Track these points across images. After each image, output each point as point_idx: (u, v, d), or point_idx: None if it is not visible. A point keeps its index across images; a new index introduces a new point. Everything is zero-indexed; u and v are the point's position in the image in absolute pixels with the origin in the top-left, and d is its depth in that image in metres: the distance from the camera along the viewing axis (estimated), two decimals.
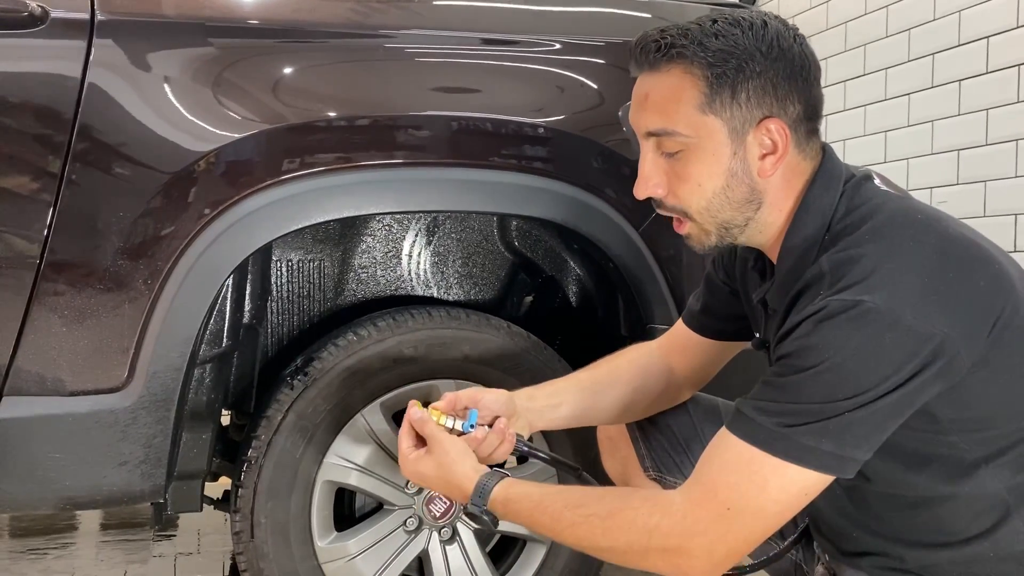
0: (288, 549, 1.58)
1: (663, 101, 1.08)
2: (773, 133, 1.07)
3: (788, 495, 1.00)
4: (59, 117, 1.39)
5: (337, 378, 1.58)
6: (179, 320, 1.45)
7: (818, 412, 0.98)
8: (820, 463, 0.99)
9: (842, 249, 1.03)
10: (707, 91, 1.05)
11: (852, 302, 0.97)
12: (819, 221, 1.08)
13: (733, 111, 1.06)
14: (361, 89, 1.56)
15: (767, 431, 1.00)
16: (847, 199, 1.09)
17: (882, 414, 0.98)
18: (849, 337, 0.97)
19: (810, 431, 0.98)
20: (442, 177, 1.57)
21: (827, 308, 0.98)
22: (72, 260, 1.41)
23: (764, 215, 1.11)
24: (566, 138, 1.64)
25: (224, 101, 1.46)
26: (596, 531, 1.08)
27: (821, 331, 0.98)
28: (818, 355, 0.98)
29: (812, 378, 0.98)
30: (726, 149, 1.07)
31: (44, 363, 1.41)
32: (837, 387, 0.97)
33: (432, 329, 1.63)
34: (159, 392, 1.44)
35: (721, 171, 1.08)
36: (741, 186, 1.09)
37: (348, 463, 1.61)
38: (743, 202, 1.10)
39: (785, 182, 1.11)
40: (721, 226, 1.11)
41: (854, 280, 0.99)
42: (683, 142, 1.07)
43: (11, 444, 1.41)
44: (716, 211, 1.10)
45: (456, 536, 1.68)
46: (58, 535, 2.66)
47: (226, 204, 1.45)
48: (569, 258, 1.87)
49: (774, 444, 0.99)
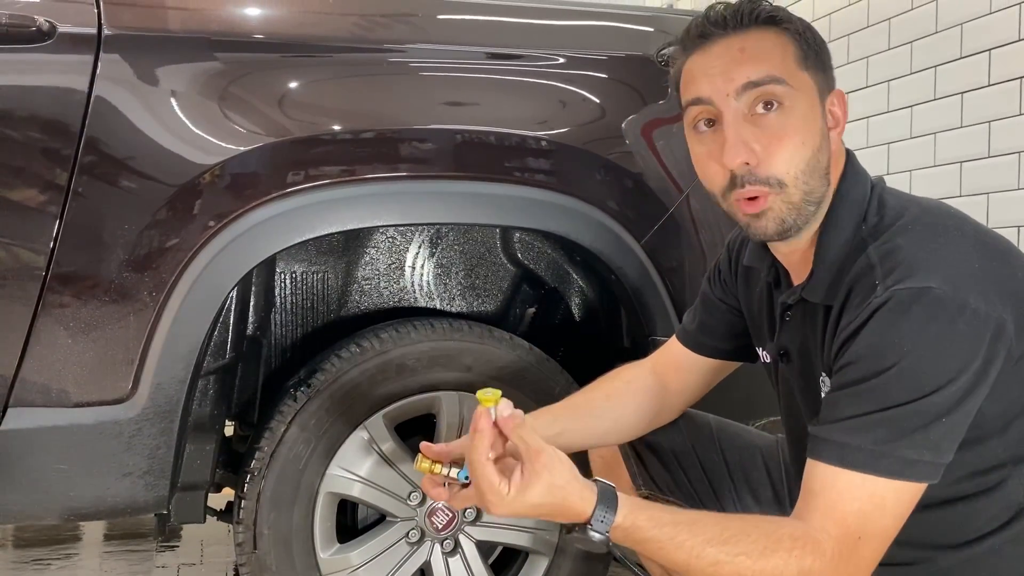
0: (291, 560, 1.58)
1: (765, 52, 1.05)
2: (838, 105, 1.10)
3: (903, 509, 0.99)
4: (66, 130, 1.40)
5: (340, 390, 1.59)
6: (183, 332, 1.45)
7: (913, 418, 0.96)
8: (922, 473, 0.98)
9: (888, 239, 1.03)
10: (803, 49, 1.07)
11: (919, 290, 0.96)
12: (856, 211, 1.09)
13: (819, 75, 1.08)
14: (365, 103, 1.57)
15: (867, 452, 0.97)
16: (876, 195, 1.10)
17: (967, 414, 0.97)
18: (924, 328, 0.96)
19: (911, 444, 0.96)
20: (445, 190, 1.58)
21: (894, 299, 0.97)
22: (78, 272, 1.42)
23: (827, 196, 1.09)
24: (569, 151, 1.64)
25: (229, 115, 1.47)
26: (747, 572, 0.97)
27: (895, 325, 0.97)
28: (896, 351, 0.96)
29: (896, 377, 0.96)
30: (817, 110, 1.07)
31: (49, 374, 1.41)
32: (923, 382, 0.96)
33: (435, 341, 1.64)
34: (163, 403, 1.45)
35: (816, 131, 1.06)
36: (824, 154, 1.07)
37: (351, 475, 1.61)
38: (824, 172, 1.08)
39: (836, 159, 1.11)
40: (807, 198, 1.06)
41: (912, 268, 0.99)
42: (787, 93, 1.04)
43: (16, 455, 1.41)
44: (808, 177, 1.05)
45: (458, 548, 1.68)
46: (62, 545, 2.67)
47: (231, 217, 1.46)
48: (571, 270, 1.88)
49: (878, 464, 0.97)
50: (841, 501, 0.98)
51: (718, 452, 1.44)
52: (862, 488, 0.97)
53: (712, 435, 1.45)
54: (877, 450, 0.96)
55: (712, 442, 1.44)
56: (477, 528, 1.69)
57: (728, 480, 1.42)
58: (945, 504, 1.08)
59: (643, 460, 1.45)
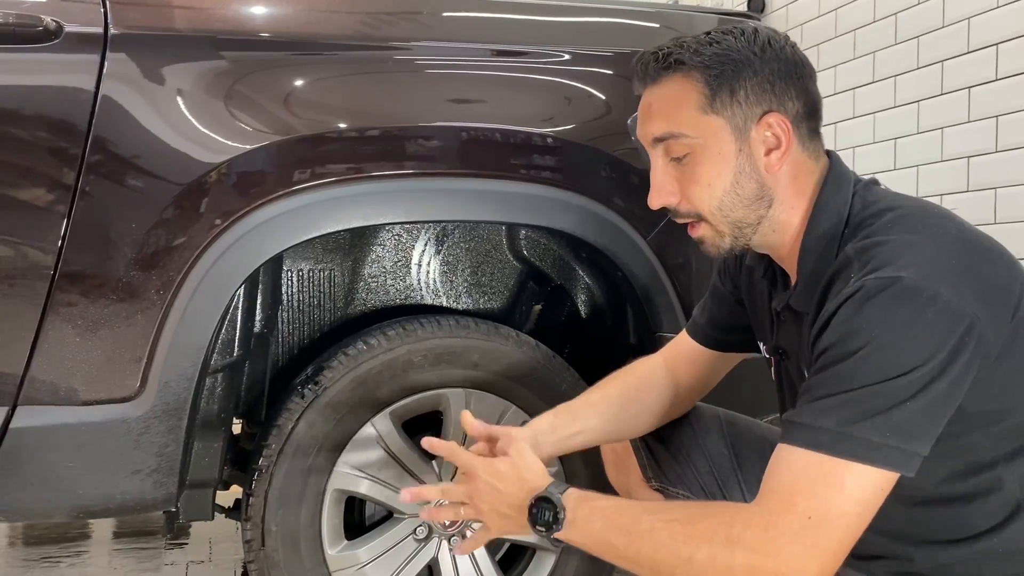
0: (299, 558, 1.58)
1: (666, 107, 1.12)
2: (775, 127, 1.10)
3: (866, 494, 0.96)
4: (73, 130, 1.41)
5: (347, 387, 1.59)
6: (191, 330, 1.46)
7: (875, 399, 0.96)
8: (888, 460, 0.96)
9: (866, 236, 1.05)
10: (707, 92, 1.10)
11: (890, 279, 0.98)
12: (835, 218, 1.10)
13: (734, 109, 1.09)
14: (371, 100, 1.57)
15: (829, 434, 0.96)
16: (860, 197, 1.11)
17: (937, 403, 0.97)
18: (892, 313, 0.97)
19: (873, 426, 0.96)
20: (451, 187, 1.59)
21: (864, 288, 0.98)
22: (85, 271, 1.42)
23: (777, 214, 1.13)
24: (574, 148, 1.65)
25: (236, 113, 1.48)
26: (677, 537, 1.00)
27: (863, 311, 0.98)
28: (864, 335, 0.97)
29: (862, 360, 0.97)
30: (731, 147, 1.10)
31: (58, 373, 1.42)
32: (888, 365, 0.96)
33: (441, 338, 1.64)
34: (171, 401, 1.45)
35: (728, 169, 1.11)
36: (750, 183, 1.11)
37: (358, 472, 1.61)
38: (753, 199, 1.12)
39: (793, 179, 1.13)
40: (734, 226, 1.13)
41: (886, 260, 1.00)
42: (689, 144, 1.11)
43: (26, 453, 1.42)
44: (728, 210, 1.12)
45: None
46: (71, 543, 2.68)
47: (237, 215, 1.46)
48: (578, 267, 1.88)
49: (839, 445, 0.96)
50: (796, 479, 0.97)
51: (727, 446, 1.44)
52: (818, 468, 0.96)
53: (721, 429, 1.45)
54: (839, 431, 0.96)
55: (721, 436, 1.45)
56: None
57: (735, 473, 1.43)
58: (941, 502, 1.09)
59: (653, 453, 1.46)
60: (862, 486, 0.96)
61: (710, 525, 1.00)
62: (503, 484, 1.17)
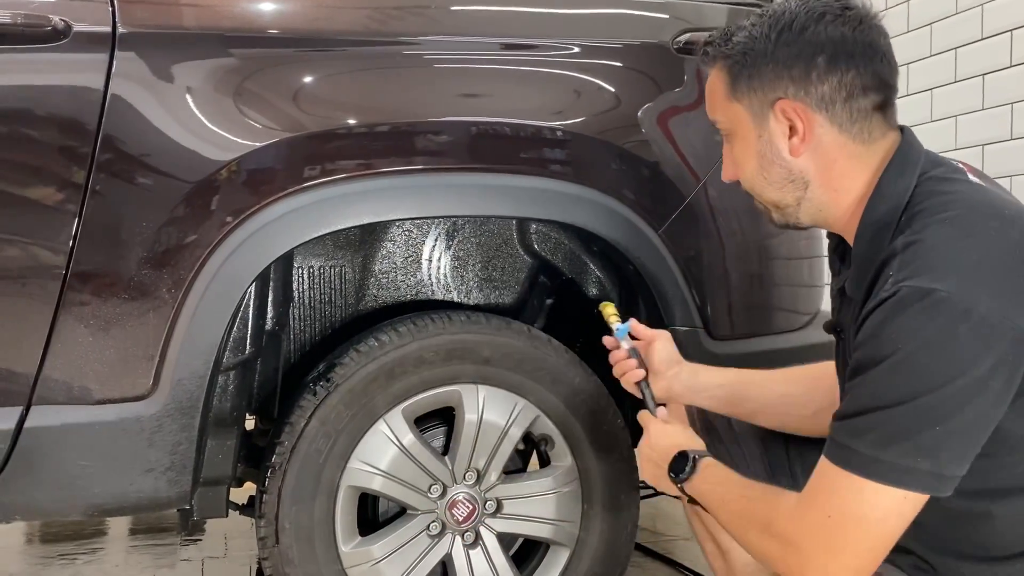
0: (313, 554, 1.58)
1: (708, 97, 1.21)
2: (788, 113, 1.11)
3: (892, 511, 0.99)
4: (83, 129, 1.41)
5: (359, 384, 1.59)
6: (203, 328, 1.46)
7: (904, 419, 0.96)
8: (917, 483, 0.97)
9: (917, 231, 1.02)
10: (729, 80, 1.15)
11: (924, 290, 0.95)
12: (893, 204, 1.08)
13: (751, 96, 1.13)
14: (380, 96, 1.56)
15: (861, 456, 0.99)
16: (932, 185, 1.07)
17: (972, 424, 0.96)
18: (921, 327, 0.95)
19: (903, 451, 0.96)
20: (462, 182, 1.58)
21: (898, 295, 0.97)
22: (97, 270, 1.43)
23: (817, 196, 1.14)
24: (584, 141, 1.64)
25: (245, 110, 1.48)
26: (743, 515, 1.13)
27: (894, 321, 0.97)
28: (891, 344, 0.97)
29: (890, 372, 0.97)
30: (752, 132, 1.15)
31: (71, 372, 1.42)
32: (915, 382, 0.95)
33: (453, 334, 1.63)
34: (184, 399, 1.46)
35: (752, 153, 1.16)
36: (774, 166, 1.14)
37: (371, 468, 1.61)
38: (783, 182, 1.15)
39: (832, 163, 1.11)
40: (772, 205, 1.18)
41: (925, 265, 0.98)
42: (724, 129, 1.19)
43: (40, 453, 1.43)
44: (760, 190, 1.18)
45: (479, 540, 1.68)
46: (87, 540, 2.69)
47: (248, 212, 1.46)
48: (589, 261, 1.87)
49: (869, 468, 0.98)
50: (822, 484, 1.03)
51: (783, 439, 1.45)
52: (847, 482, 1.00)
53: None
54: (869, 455, 0.98)
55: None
56: (498, 520, 1.69)
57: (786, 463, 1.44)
58: (971, 518, 1.07)
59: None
60: (887, 505, 0.98)
61: (760, 509, 1.10)
62: (664, 440, 1.30)
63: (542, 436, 1.72)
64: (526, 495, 1.70)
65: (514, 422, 1.67)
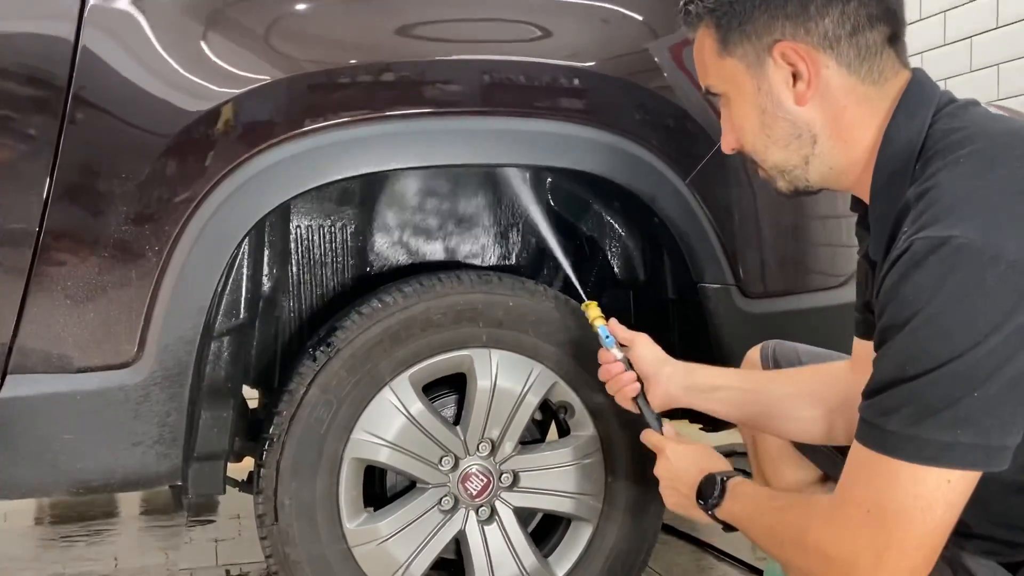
0: (315, 532, 1.48)
1: (697, 63, 1.11)
2: (789, 55, 1.00)
3: (937, 495, 0.87)
4: (53, 76, 1.29)
5: (362, 348, 1.47)
6: (190, 289, 1.35)
7: (935, 389, 0.84)
8: (963, 459, 0.85)
9: (930, 176, 0.90)
10: (718, 36, 1.05)
11: (939, 239, 0.84)
12: (904, 150, 0.96)
13: (744, 46, 1.03)
14: (381, 32, 1.43)
15: (894, 436, 0.87)
16: (944, 123, 0.96)
17: (1017, 384, 0.83)
18: (942, 282, 0.83)
19: (940, 424, 0.84)
20: (470, 127, 1.46)
21: (911, 249, 0.86)
22: (73, 228, 1.32)
23: (826, 150, 1.03)
24: (604, 82, 1.50)
25: (234, 49, 1.36)
26: (774, 524, 1.03)
27: (910, 278, 0.85)
28: (910, 306, 0.85)
29: (909, 339, 0.86)
30: (750, 86, 1.04)
31: (48, 338, 1.33)
32: (940, 346, 0.83)
33: (462, 294, 1.52)
34: (172, 367, 1.35)
35: (751, 109, 1.05)
36: (778, 121, 1.03)
37: (377, 439, 1.50)
38: (788, 138, 1.04)
39: (841, 110, 1.00)
40: (777, 168, 1.07)
41: (940, 212, 0.86)
42: (720, 91, 1.09)
43: (18, 425, 1.34)
44: (763, 153, 1.07)
45: (495, 515, 1.57)
46: (91, 522, 2.61)
47: (237, 161, 1.34)
48: (609, 216, 1.73)
49: (904, 448, 0.87)
50: (857, 474, 0.92)
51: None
52: (883, 468, 0.89)
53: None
54: (903, 433, 0.86)
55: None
56: (515, 494, 1.58)
57: None
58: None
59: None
60: (928, 485, 0.87)
61: (792, 518, 1.00)
62: (685, 464, 1.22)
63: (561, 404, 1.61)
64: (545, 467, 1.60)
65: (530, 389, 1.56)
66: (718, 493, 1.12)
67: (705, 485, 1.15)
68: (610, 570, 1.63)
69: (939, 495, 0.86)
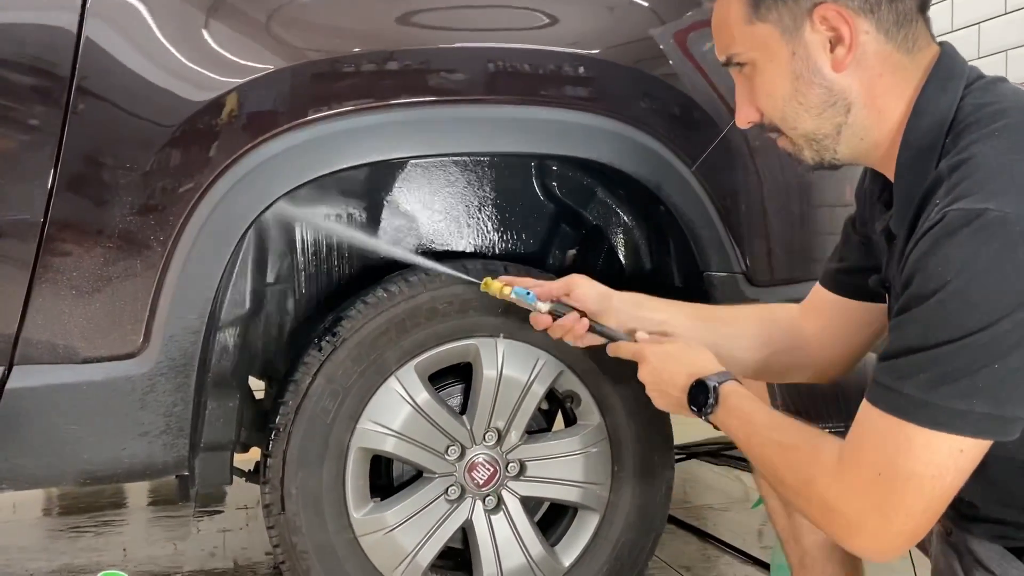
0: (322, 521, 1.48)
1: (719, 31, 1.08)
2: (830, 20, 0.97)
3: (947, 461, 0.87)
4: (56, 66, 1.28)
5: (368, 338, 1.47)
6: (196, 279, 1.35)
7: (957, 359, 0.85)
8: (975, 428, 0.86)
9: (964, 148, 0.90)
10: (749, 1, 1.02)
11: (974, 211, 0.84)
12: (934, 123, 0.95)
13: (779, 10, 1.00)
14: (385, 20, 1.42)
15: (910, 400, 0.87)
16: (976, 97, 0.95)
17: None
18: (974, 255, 0.83)
19: (957, 392, 0.85)
20: (476, 116, 1.44)
21: (945, 221, 0.86)
22: (77, 219, 1.32)
23: (859, 120, 1.01)
24: (609, 69, 1.49)
25: (238, 38, 1.35)
26: (775, 459, 1.02)
27: (941, 249, 0.85)
28: (938, 278, 0.85)
29: (939, 308, 0.85)
30: (784, 52, 1.01)
31: (54, 329, 1.32)
32: (968, 317, 0.84)
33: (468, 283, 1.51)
34: (177, 357, 1.35)
35: (784, 75, 1.01)
36: (812, 87, 1.00)
37: (383, 428, 1.50)
38: (822, 106, 1.01)
39: (877, 77, 0.98)
40: (807, 138, 1.04)
41: (976, 185, 0.86)
42: (745, 60, 1.05)
43: (24, 416, 1.33)
44: (793, 120, 1.03)
45: (502, 504, 1.57)
46: (100, 512, 2.62)
47: (241, 151, 1.34)
48: (615, 204, 1.73)
49: (919, 412, 0.87)
50: (869, 437, 0.92)
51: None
52: (896, 432, 0.89)
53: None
54: (919, 398, 0.87)
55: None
56: (521, 483, 1.58)
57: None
58: None
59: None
60: (939, 452, 0.88)
61: (798, 457, 0.99)
62: (670, 365, 1.17)
63: (567, 393, 1.61)
64: (551, 456, 1.59)
65: (536, 378, 1.55)
66: (712, 401, 1.09)
67: (696, 391, 1.12)
68: (617, 559, 1.62)
69: (950, 462, 0.87)
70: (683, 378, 1.14)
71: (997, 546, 1.01)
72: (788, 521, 1.35)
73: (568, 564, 1.61)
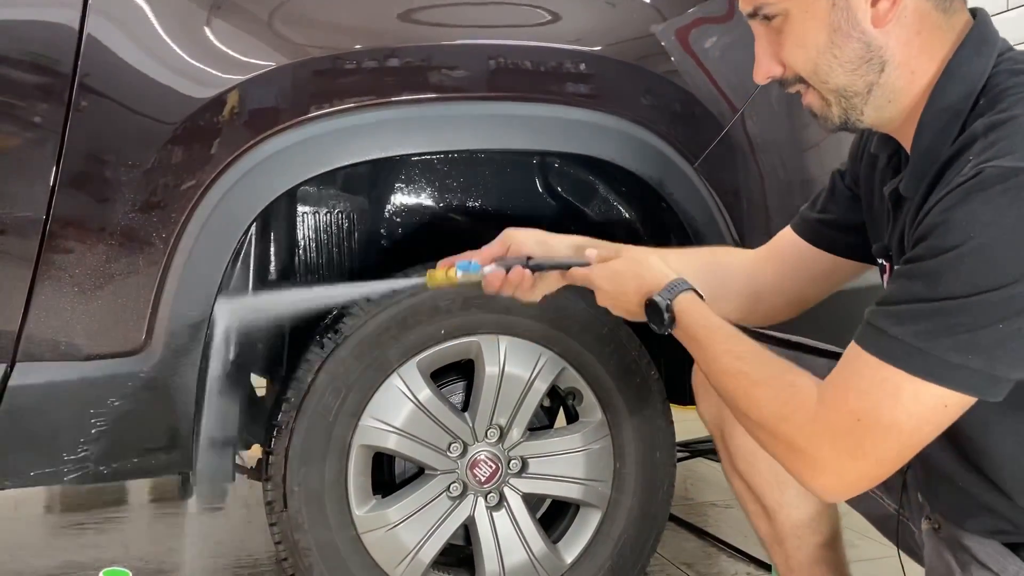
0: (324, 518, 1.48)
1: None
2: None
3: (928, 412, 0.87)
4: (58, 62, 1.28)
5: (370, 335, 1.47)
6: (198, 276, 1.35)
7: (962, 314, 0.84)
8: (966, 383, 0.86)
9: (1003, 109, 0.89)
10: None
11: (1011, 170, 0.83)
12: (967, 88, 0.94)
13: None
14: (387, 17, 1.42)
15: (904, 346, 0.86)
16: (1010, 64, 0.94)
17: None
18: (1002, 213, 0.82)
19: (955, 345, 0.84)
20: (477, 112, 1.45)
21: (979, 176, 0.85)
22: (80, 216, 1.31)
23: (892, 80, 0.98)
24: (613, 66, 1.49)
25: (240, 35, 1.35)
26: (740, 391, 1.00)
27: (968, 203, 0.84)
28: (961, 232, 0.84)
29: (952, 263, 0.84)
30: (822, 2, 0.96)
31: (57, 326, 1.32)
32: (982, 275, 0.83)
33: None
34: (180, 354, 1.35)
35: (822, 27, 0.97)
36: (850, 42, 0.96)
37: (385, 425, 1.50)
38: (858, 62, 0.97)
39: (915, 35, 0.96)
40: (838, 94, 1.00)
41: (1017, 144, 0.84)
42: (777, 11, 0.99)
43: (27, 413, 1.33)
44: (825, 74, 0.98)
45: (504, 501, 1.57)
46: (102, 509, 2.62)
47: (243, 148, 1.34)
48: (617, 202, 1.73)
49: (911, 360, 0.86)
50: (855, 381, 0.91)
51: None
52: (883, 378, 0.88)
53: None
54: (914, 345, 0.86)
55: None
56: (523, 480, 1.58)
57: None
58: None
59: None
60: (924, 403, 0.87)
61: (771, 393, 0.97)
62: (621, 285, 1.15)
63: (569, 390, 1.61)
64: (553, 453, 1.59)
65: (538, 375, 1.55)
66: (668, 320, 1.08)
67: (651, 314, 1.10)
68: (619, 556, 1.62)
69: (932, 415, 0.88)
70: (636, 298, 1.13)
71: (994, 542, 1.00)
72: (769, 526, 1.32)
73: (570, 561, 1.61)
